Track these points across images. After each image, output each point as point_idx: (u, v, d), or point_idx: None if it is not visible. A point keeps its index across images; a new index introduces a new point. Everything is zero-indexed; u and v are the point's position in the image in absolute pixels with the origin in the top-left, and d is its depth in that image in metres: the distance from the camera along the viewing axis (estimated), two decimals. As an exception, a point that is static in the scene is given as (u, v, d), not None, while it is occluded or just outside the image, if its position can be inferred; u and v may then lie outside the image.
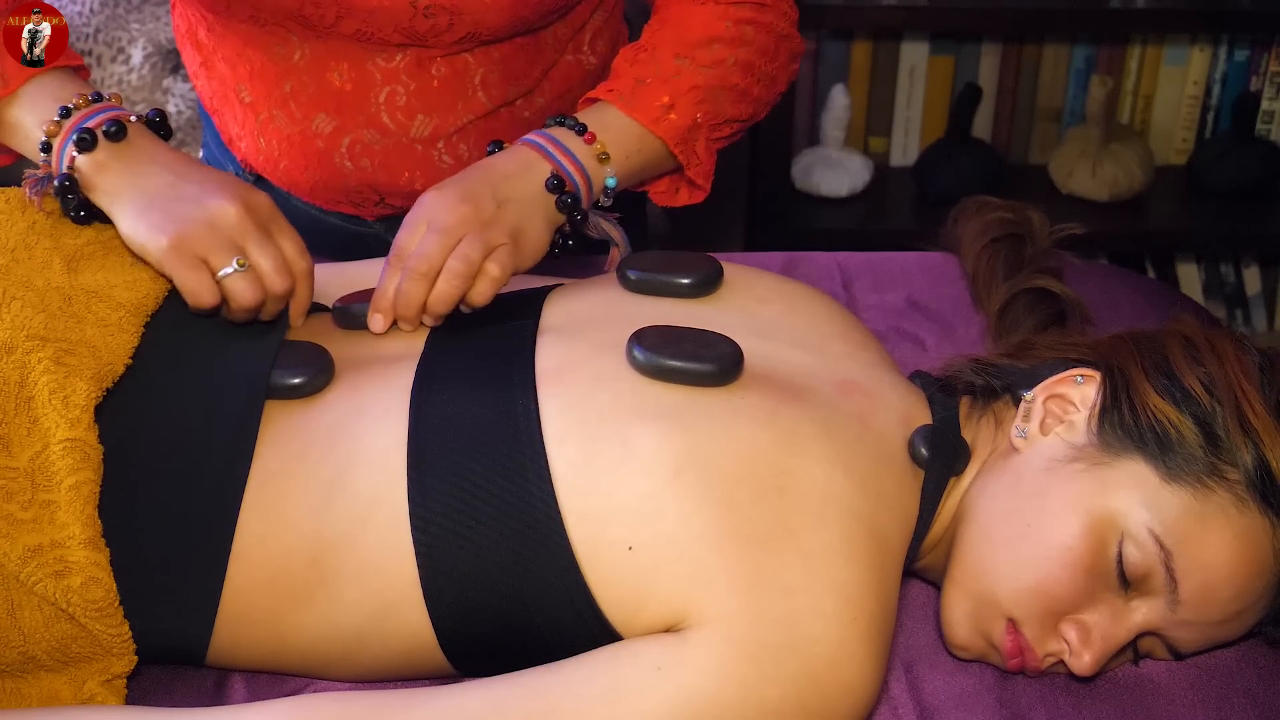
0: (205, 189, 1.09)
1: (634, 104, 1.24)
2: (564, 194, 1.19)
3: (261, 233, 1.09)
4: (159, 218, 1.07)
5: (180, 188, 1.09)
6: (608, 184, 1.22)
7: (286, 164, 1.38)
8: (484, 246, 1.12)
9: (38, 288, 1.05)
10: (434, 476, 1.00)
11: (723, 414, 1.02)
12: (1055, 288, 1.33)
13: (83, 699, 0.99)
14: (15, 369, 0.98)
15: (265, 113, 1.36)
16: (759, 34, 1.30)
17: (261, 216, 1.10)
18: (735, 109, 1.29)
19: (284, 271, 1.09)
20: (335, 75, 1.32)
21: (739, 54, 1.28)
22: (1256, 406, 1.03)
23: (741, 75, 1.28)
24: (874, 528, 1.01)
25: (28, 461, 0.97)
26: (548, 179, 1.18)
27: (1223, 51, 2.51)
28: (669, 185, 1.32)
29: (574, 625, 0.98)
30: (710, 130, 1.28)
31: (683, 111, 1.25)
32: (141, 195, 1.08)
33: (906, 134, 2.58)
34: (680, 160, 1.27)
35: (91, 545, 0.96)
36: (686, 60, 1.26)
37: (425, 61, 1.31)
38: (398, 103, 1.33)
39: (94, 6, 2.09)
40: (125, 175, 1.09)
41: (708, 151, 1.29)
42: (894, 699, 1.06)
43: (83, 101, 1.12)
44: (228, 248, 1.07)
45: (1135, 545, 1.01)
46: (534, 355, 1.07)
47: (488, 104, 1.36)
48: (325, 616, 1.01)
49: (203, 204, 1.07)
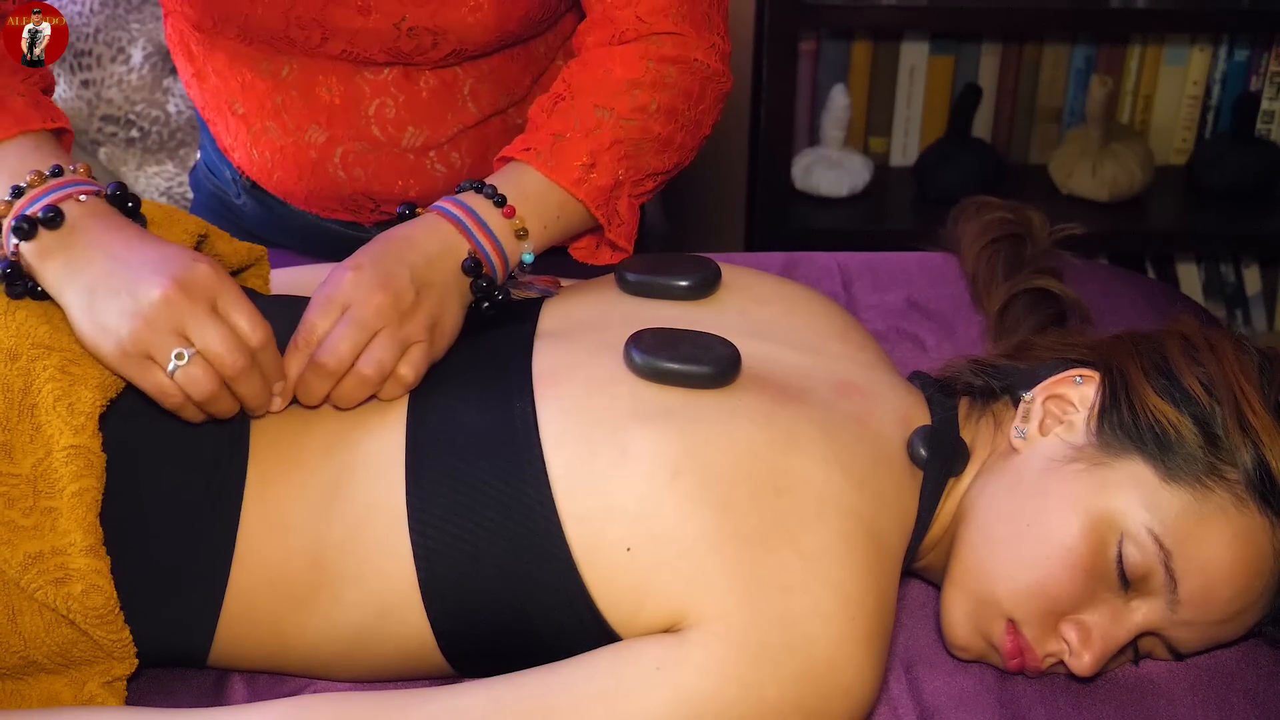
0: (139, 276, 0.99)
1: (554, 164, 1.16)
2: (480, 277, 1.11)
3: (203, 312, 0.99)
4: (103, 317, 0.99)
5: (115, 277, 1.00)
6: (524, 259, 1.15)
7: (280, 174, 1.39)
8: (399, 346, 1.04)
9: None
10: (432, 480, 1.00)
11: (720, 415, 1.02)
12: (1055, 288, 1.33)
13: (83, 700, 0.99)
14: (19, 376, 0.98)
15: (258, 124, 1.36)
16: (681, 75, 1.21)
17: (202, 291, 0.99)
18: (658, 161, 1.21)
19: (236, 349, 0.98)
20: (324, 90, 1.32)
21: (660, 98, 1.20)
22: (1256, 406, 1.03)
23: (664, 123, 1.20)
24: (872, 528, 1.01)
25: (30, 468, 0.97)
26: (464, 261, 1.10)
27: (1223, 51, 2.51)
28: (589, 243, 1.24)
29: (573, 626, 0.98)
30: (632, 186, 1.20)
31: (604, 170, 1.17)
32: (81, 291, 1.00)
33: (906, 134, 2.58)
34: (601, 221, 1.19)
35: (92, 553, 0.96)
36: (606, 111, 1.18)
37: (413, 74, 1.31)
38: (387, 115, 1.33)
39: (94, 6, 2.09)
40: (65, 267, 1.02)
41: (630, 210, 1.21)
42: (894, 699, 1.06)
43: (36, 180, 1.04)
44: (169, 339, 0.98)
45: (1135, 545, 1.01)
46: (531, 359, 1.07)
47: (478, 114, 1.35)
48: (325, 619, 1.01)
49: (135, 295, 0.98)
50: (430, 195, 1.35)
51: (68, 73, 2.10)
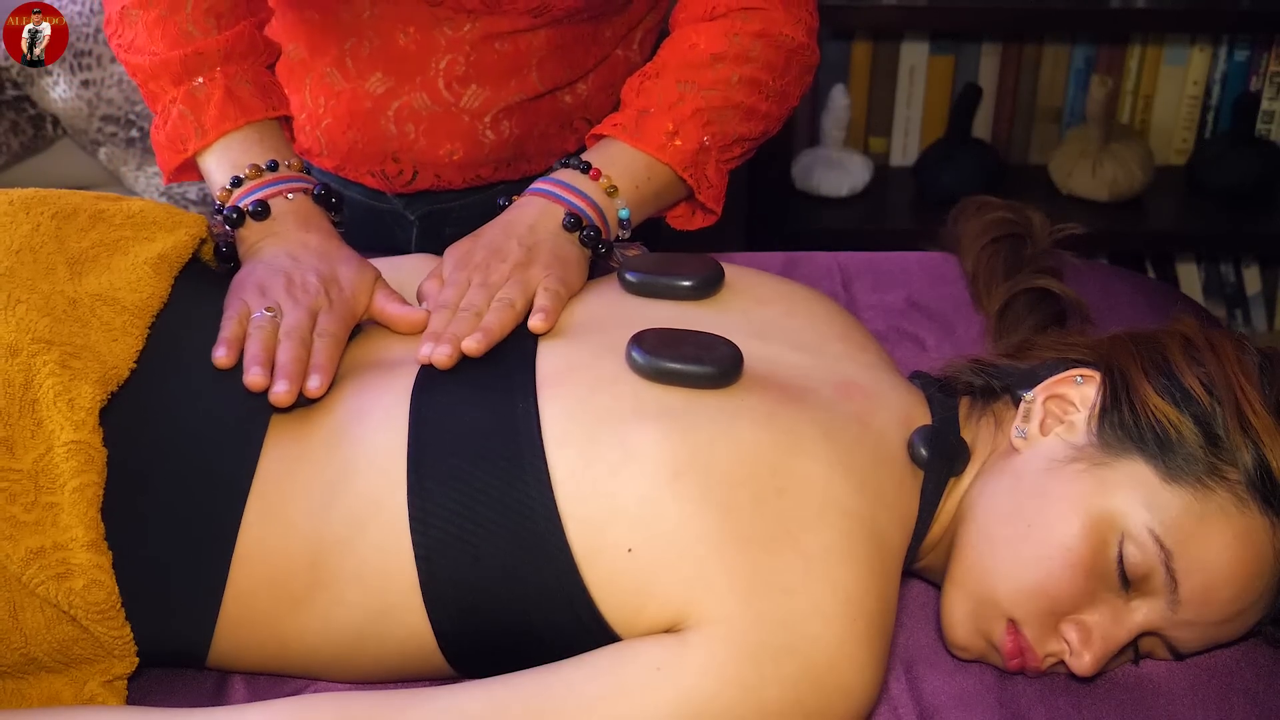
0: (300, 263, 1.13)
1: (639, 135, 1.25)
2: (584, 229, 1.20)
3: (315, 297, 1.10)
4: (246, 278, 1.12)
5: (283, 261, 1.13)
6: (621, 215, 1.23)
7: (330, 121, 1.40)
8: (525, 286, 1.13)
9: (43, 291, 1.05)
10: (434, 480, 1.00)
11: (722, 416, 1.02)
12: (1055, 288, 1.33)
13: (84, 699, 0.99)
14: (20, 371, 0.99)
15: (318, 69, 1.38)
16: (766, 49, 1.29)
17: (327, 294, 1.11)
18: (744, 127, 1.29)
19: (298, 332, 1.07)
20: (402, 35, 1.34)
21: (744, 71, 1.27)
22: (1256, 406, 1.03)
23: (747, 93, 1.28)
24: (874, 528, 1.01)
25: (32, 464, 0.97)
26: (564, 219, 1.20)
27: (1223, 51, 2.51)
28: (685, 210, 1.32)
29: (573, 627, 0.98)
30: (720, 152, 1.28)
31: (688, 136, 1.25)
32: (261, 261, 1.14)
33: (906, 134, 2.59)
34: (690, 185, 1.27)
35: (94, 548, 0.96)
36: (688, 85, 1.26)
37: (491, 37, 1.33)
38: (455, 71, 1.35)
39: (94, 7, 2.09)
40: (257, 249, 1.16)
41: (718, 174, 1.28)
42: (894, 699, 1.06)
43: (253, 173, 1.18)
44: (269, 298, 1.09)
45: (1135, 545, 1.01)
46: (535, 359, 1.07)
47: (538, 86, 1.38)
48: (325, 618, 1.01)
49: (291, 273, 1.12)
50: (474, 161, 1.41)
51: (68, 73, 2.10)
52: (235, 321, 1.07)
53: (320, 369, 1.05)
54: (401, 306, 1.13)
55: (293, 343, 1.05)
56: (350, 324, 1.11)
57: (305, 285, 1.11)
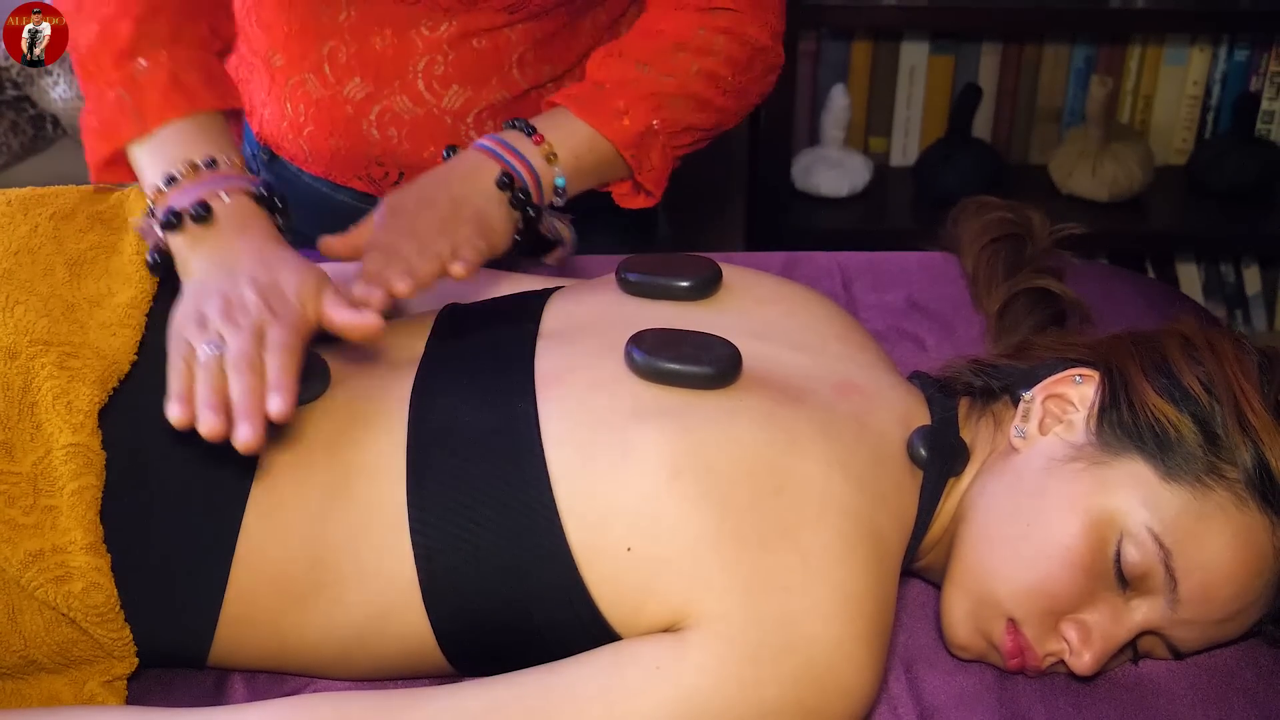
0: (235, 277, 1.02)
1: (589, 108, 1.25)
2: (514, 190, 1.20)
3: (257, 314, 0.99)
4: (182, 309, 1.01)
5: (216, 279, 1.03)
6: (557, 183, 1.23)
7: (312, 129, 1.39)
8: (449, 242, 1.12)
9: (41, 293, 1.05)
10: (433, 480, 1.00)
11: (721, 416, 1.02)
12: (1055, 288, 1.33)
13: (83, 699, 0.99)
14: (19, 374, 0.99)
15: (296, 76, 1.37)
16: (730, 44, 1.29)
17: (270, 309, 0.99)
18: (696, 117, 1.29)
19: (245, 360, 0.95)
20: (378, 39, 1.33)
21: (703, 63, 1.28)
22: (1255, 405, 1.03)
23: (704, 85, 1.28)
24: (872, 528, 1.01)
25: (30, 467, 0.97)
26: (498, 177, 1.19)
27: (1223, 51, 2.51)
28: (627, 188, 1.32)
29: (573, 626, 0.98)
30: (668, 138, 1.28)
31: (636, 117, 1.25)
32: (194, 282, 1.04)
33: (906, 134, 2.59)
34: (631, 165, 1.26)
35: (93, 550, 0.96)
36: (647, 67, 1.27)
37: (468, 34, 1.33)
38: (435, 72, 1.34)
39: (94, 7, 2.09)
40: (197, 259, 1.05)
41: (663, 158, 1.28)
42: (894, 698, 1.06)
43: (189, 172, 1.07)
44: (209, 331, 0.98)
45: (1134, 544, 1.01)
46: (534, 359, 1.07)
47: (521, 83, 1.37)
48: (326, 619, 1.01)
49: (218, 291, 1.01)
50: None
51: (68, 73, 2.10)
52: (183, 366, 0.96)
53: (278, 387, 0.93)
54: (350, 313, 1.00)
55: (240, 374, 0.94)
56: (302, 329, 0.99)
57: (243, 304, 0.99)
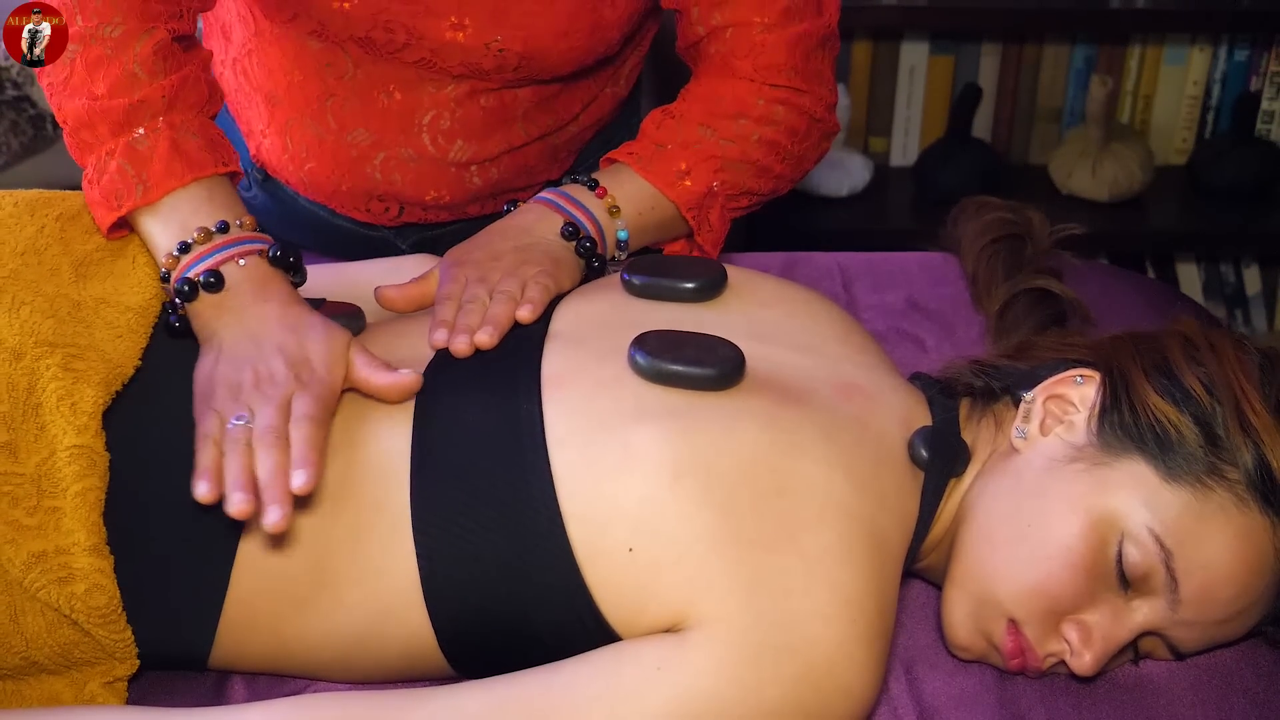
0: (262, 347, 1.03)
1: (651, 168, 1.26)
2: (580, 239, 1.22)
3: (285, 386, 1.00)
4: (211, 378, 1.02)
5: (244, 348, 1.03)
6: (620, 236, 1.25)
7: (313, 165, 1.37)
8: (521, 282, 1.14)
9: (47, 294, 1.05)
10: (436, 480, 1.00)
11: (723, 417, 1.02)
12: (1055, 288, 1.33)
13: (84, 700, 0.99)
14: (24, 375, 0.99)
15: (297, 118, 1.35)
16: (789, 114, 1.30)
17: (297, 380, 1.01)
18: (755, 183, 1.31)
19: (273, 435, 0.96)
20: (383, 95, 1.31)
21: (764, 132, 1.29)
22: (1256, 406, 1.03)
23: (765, 153, 1.29)
24: (874, 529, 1.01)
25: (34, 468, 0.97)
26: (562, 227, 1.22)
27: (1223, 51, 2.51)
28: (684, 247, 1.33)
29: (574, 627, 0.98)
30: (726, 200, 1.30)
31: (698, 179, 1.27)
32: (221, 350, 1.04)
33: (906, 134, 2.58)
34: (692, 225, 1.28)
35: (96, 552, 0.96)
36: (709, 130, 1.28)
37: (476, 93, 1.31)
38: (440, 127, 1.33)
39: (94, 7, 2.08)
40: (222, 327, 1.05)
41: (721, 220, 1.30)
42: (894, 699, 1.06)
43: (202, 238, 1.06)
44: (241, 403, 0.99)
45: (1135, 545, 1.01)
46: (539, 361, 1.07)
47: (525, 136, 1.37)
48: (326, 619, 1.01)
49: (248, 361, 1.02)
50: (460, 202, 1.40)
51: (68, 73, 2.10)
52: (211, 443, 0.96)
53: (303, 462, 0.94)
54: (386, 374, 1.03)
55: (268, 450, 0.95)
56: (330, 401, 1.01)
57: (273, 376, 1.00)
